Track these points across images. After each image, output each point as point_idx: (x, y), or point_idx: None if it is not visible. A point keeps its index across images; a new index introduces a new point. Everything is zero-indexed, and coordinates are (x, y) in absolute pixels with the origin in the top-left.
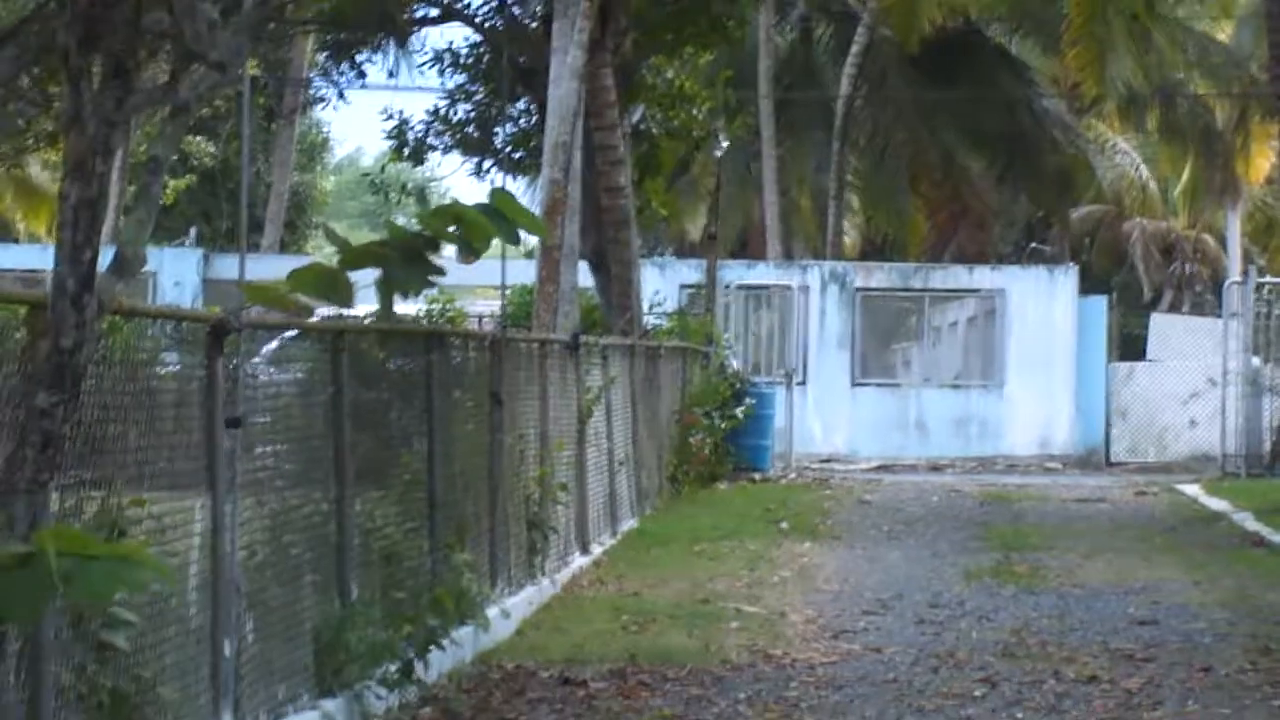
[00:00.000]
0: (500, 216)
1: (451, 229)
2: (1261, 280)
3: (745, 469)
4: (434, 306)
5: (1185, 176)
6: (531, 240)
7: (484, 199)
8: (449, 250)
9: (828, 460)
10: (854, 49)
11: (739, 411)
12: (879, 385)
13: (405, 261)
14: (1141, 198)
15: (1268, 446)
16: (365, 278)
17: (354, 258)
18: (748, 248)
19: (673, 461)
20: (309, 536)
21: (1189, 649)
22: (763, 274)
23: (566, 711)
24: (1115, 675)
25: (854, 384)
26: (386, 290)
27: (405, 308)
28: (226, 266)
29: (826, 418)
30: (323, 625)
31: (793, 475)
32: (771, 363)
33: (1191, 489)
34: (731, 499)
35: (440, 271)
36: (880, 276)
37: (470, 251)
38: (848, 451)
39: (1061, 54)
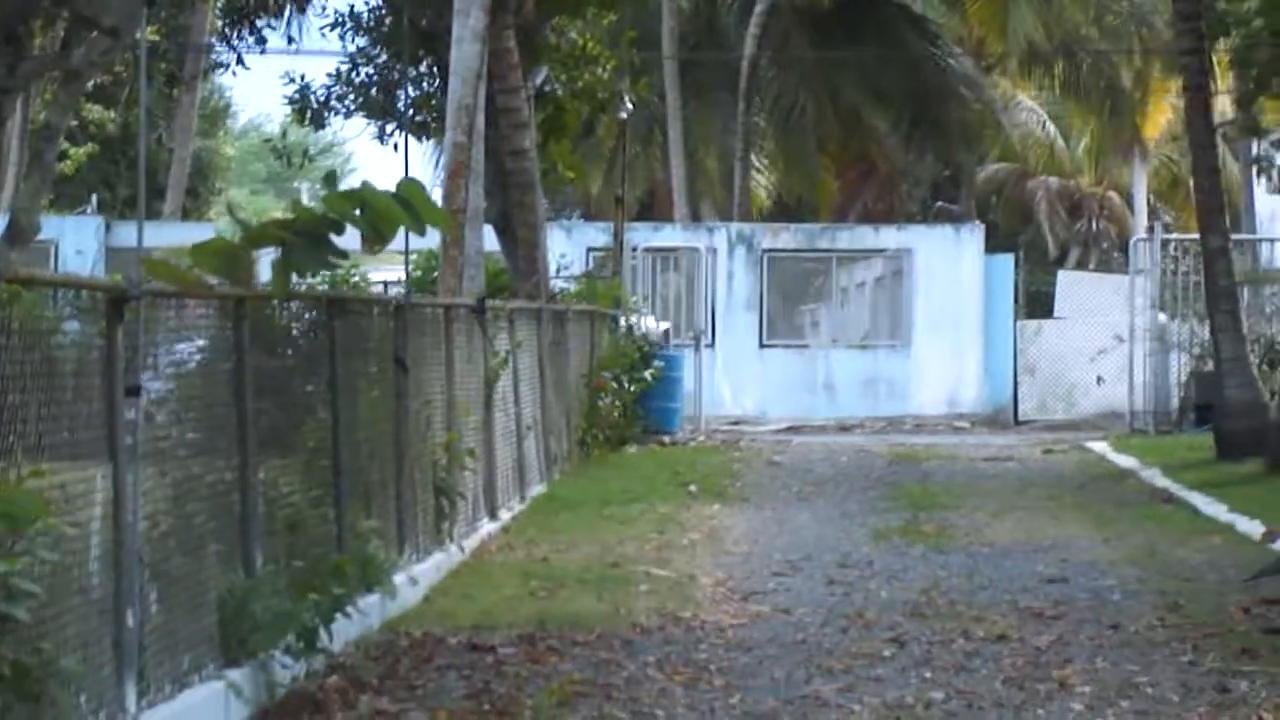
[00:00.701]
0: (408, 205)
1: (357, 212)
2: (1168, 237)
3: (654, 432)
4: (338, 273)
5: (1089, 134)
6: (440, 204)
7: (388, 174)
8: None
9: (737, 422)
10: (758, 9)
11: (648, 374)
12: (787, 347)
13: (307, 243)
14: (1048, 155)
15: (1175, 403)
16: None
17: (256, 237)
18: (655, 210)
19: (582, 425)
20: (212, 506)
21: (1098, 606)
22: (670, 236)
23: (475, 677)
24: (1024, 633)
25: (762, 345)
26: (284, 270)
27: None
28: (128, 234)
29: (735, 380)
30: (227, 595)
31: (702, 438)
32: (680, 325)
33: (1099, 446)
34: (641, 462)
35: (342, 254)
36: (787, 238)
37: (377, 239)
38: (757, 413)
39: (965, 11)
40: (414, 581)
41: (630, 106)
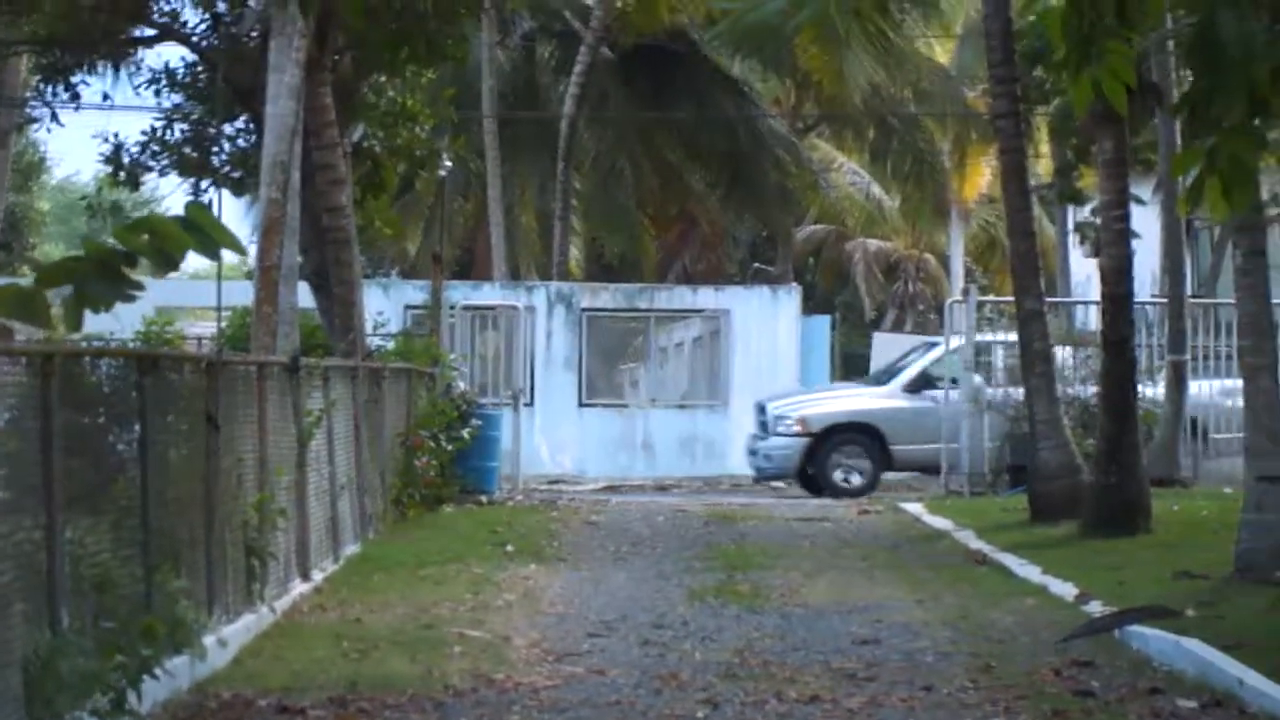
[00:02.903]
0: (196, 229)
1: (147, 240)
2: (983, 299)
3: (472, 491)
4: (152, 328)
5: (905, 197)
6: (252, 261)
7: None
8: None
9: (555, 481)
10: (576, 68)
11: (465, 433)
12: (606, 406)
13: (100, 277)
14: (866, 217)
15: (990, 465)
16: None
17: (49, 275)
18: (474, 268)
19: (398, 485)
20: (18, 564)
21: (911, 668)
22: (488, 294)
23: None
24: (837, 695)
25: (581, 404)
26: (77, 305)
27: (122, 330)
28: None
29: (554, 439)
30: (33, 654)
31: (520, 497)
32: (498, 384)
33: (914, 507)
34: (457, 522)
35: (138, 286)
36: (606, 297)
37: (166, 264)
38: (575, 472)
39: (784, 73)
40: (224, 643)
41: (449, 164)
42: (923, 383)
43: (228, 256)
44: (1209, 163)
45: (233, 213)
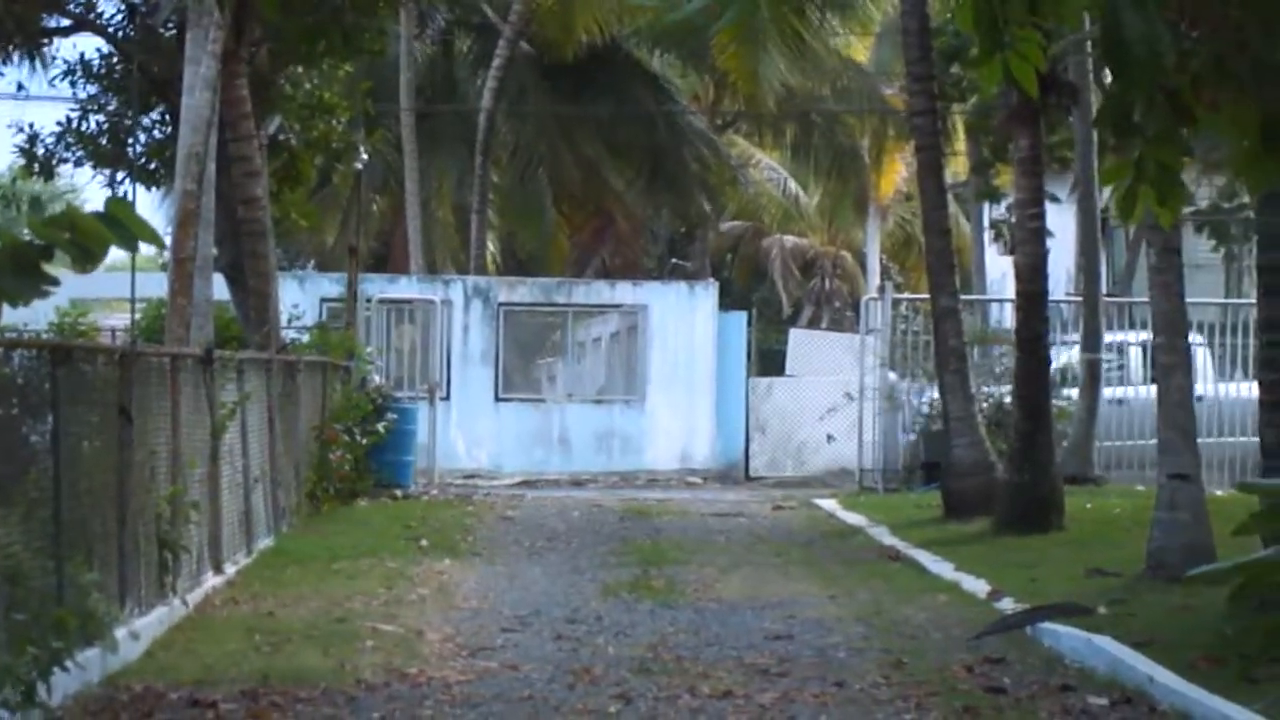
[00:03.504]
0: (117, 223)
1: (67, 236)
2: (899, 296)
3: (387, 485)
4: (65, 320)
5: (822, 193)
6: (167, 252)
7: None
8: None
9: (471, 476)
10: (495, 62)
11: (380, 427)
12: (523, 400)
13: (16, 271)
14: (783, 214)
15: (904, 461)
16: None
17: None
18: (391, 261)
19: (312, 478)
20: None
21: (823, 663)
22: (405, 288)
23: None
24: (750, 690)
25: (497, 399)
26: None
27: (36, 322)
28: None
29: (470, 433)
30: None
31: (435, 492)
32: (414, 377)
33: (829, 504)
34: (372, 516)
35: (54, 281)
36: (524, 291)
37: (87, 259)
38: (491, 467)
39: (703, 70)
40: (135, 636)
41: (365, 157)
42: None
43: (144, 247)
44: (1138, 172)
45: (148, 205)
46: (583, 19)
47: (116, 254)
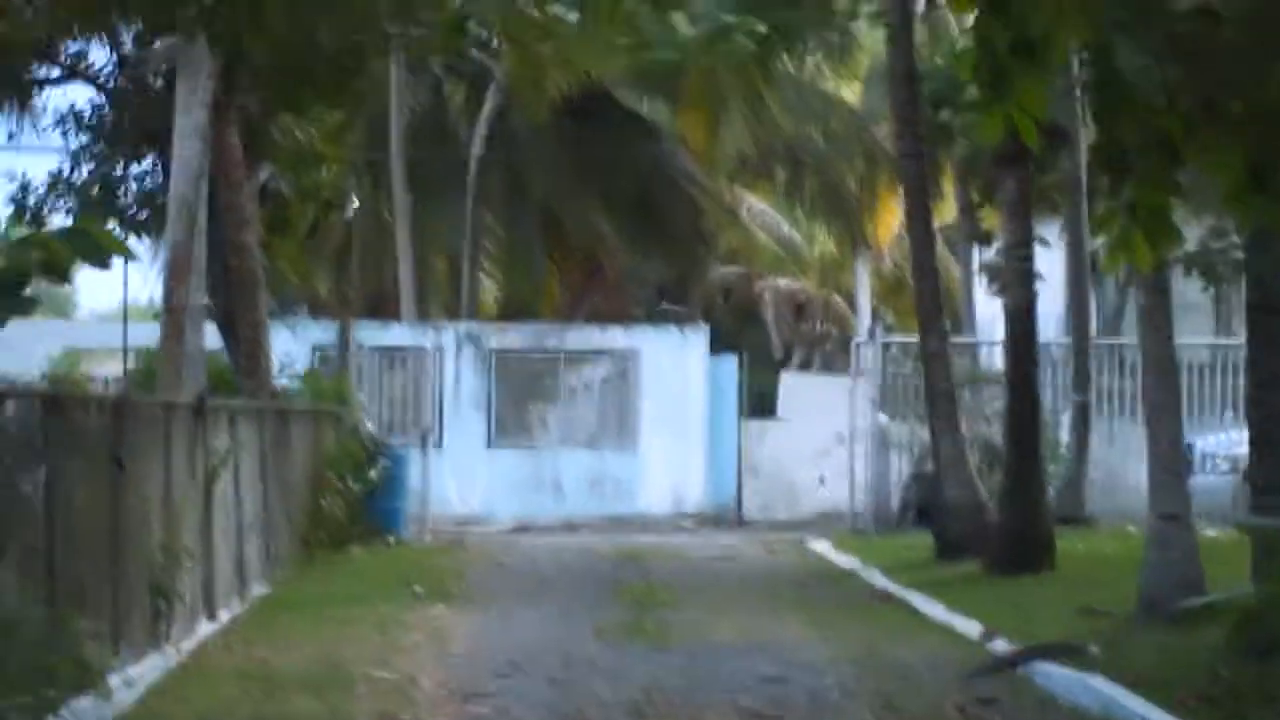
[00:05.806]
0: (85, 238)
1: (37, 256)
2: (889, 339)
3: (380, 532)
4: (59, 369)
5: (816, 237)
6: (158, 299)
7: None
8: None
9: (464, 522)
10: (486, 110)
11: (373, 474)
12: (515, 446)
13: None
14: (773, 258)
15: (895, 503)
16: None
17: None
18: (382, 308)
19: (305, 525)
20: None
21: (816, 705)
22: (397, 335)
23: None
24: None
25: (490, 445)
26: None
27: (29, 371)
28: None
29: (463, 479)
30: None
31: (428, 538)
32: (407, 424)
33: (821, 546)
34: (365, 563)
35: (32, 302)
36: (515, 337)
37: (60, 279)
38: (484, 513)
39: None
40: (129, 683)
41: (357, 205)
42: None
43: (136, 298)
44: (1129, 216)
45: (140, 254)
46: (552, 78)
47: (110, 304)
